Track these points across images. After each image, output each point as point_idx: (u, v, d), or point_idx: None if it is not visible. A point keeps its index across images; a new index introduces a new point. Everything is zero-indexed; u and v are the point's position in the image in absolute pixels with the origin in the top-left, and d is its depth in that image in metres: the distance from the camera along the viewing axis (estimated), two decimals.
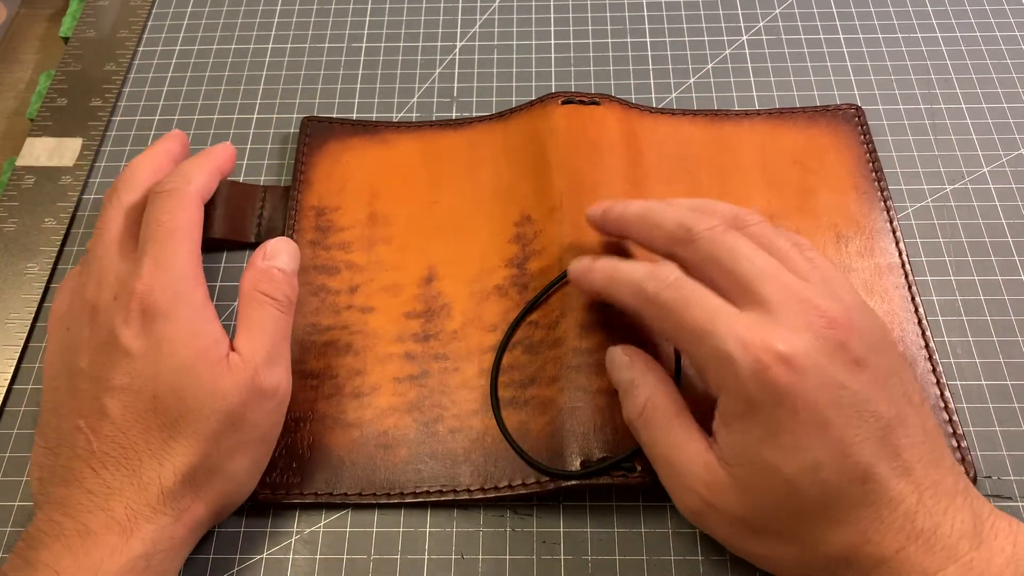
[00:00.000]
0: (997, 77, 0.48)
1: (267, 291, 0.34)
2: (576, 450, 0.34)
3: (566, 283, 0.38)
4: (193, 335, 0.31)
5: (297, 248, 0.36)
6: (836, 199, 0.43)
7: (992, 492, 0.35)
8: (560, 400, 0.36)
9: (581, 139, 0.42)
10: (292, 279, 0.35)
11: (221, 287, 0.42)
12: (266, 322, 0.33)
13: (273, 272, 0.34)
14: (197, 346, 0.31)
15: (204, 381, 0.31)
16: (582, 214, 0.39)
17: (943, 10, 0.51)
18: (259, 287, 0.34)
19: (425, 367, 0.38)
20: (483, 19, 0.52)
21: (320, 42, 0.51)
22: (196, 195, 0.35)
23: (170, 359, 0.31)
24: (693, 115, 0.46)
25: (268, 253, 0.35)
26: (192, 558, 0.34)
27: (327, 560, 0.34)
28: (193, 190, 0.35)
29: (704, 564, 0.34)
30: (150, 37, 0.52)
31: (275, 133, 0.47)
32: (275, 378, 0.33)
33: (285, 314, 0.34)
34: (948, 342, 0.39)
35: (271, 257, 0.35)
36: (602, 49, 0.50)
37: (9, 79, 0.52)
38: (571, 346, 0.37)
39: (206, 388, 0.31)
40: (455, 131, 0.46)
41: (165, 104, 0.48)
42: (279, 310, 0.34)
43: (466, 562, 0.34)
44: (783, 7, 0.52)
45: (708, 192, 0.43)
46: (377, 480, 0.36)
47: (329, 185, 0.44)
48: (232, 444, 0.31)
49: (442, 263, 0.41)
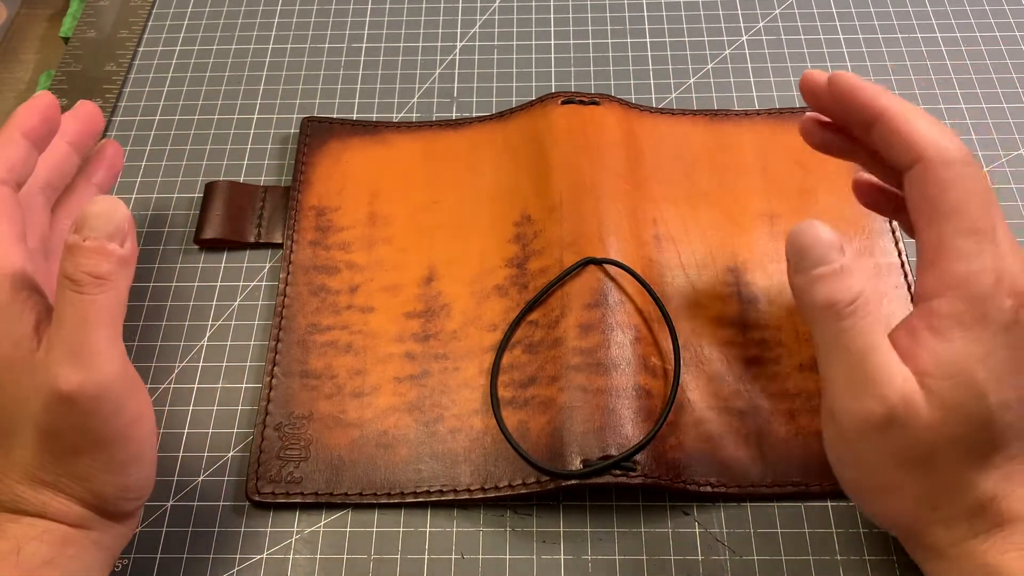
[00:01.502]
0: (997, 77, 0.48)
1: (66, 272, 0.28)
2: (576, 450, 0.34)
3: (566, 282, 0.38)
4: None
5: (114, 203, 0.29)
6: (836, 199, 0.43)
7: None
8: (560, 400, 0.36)
9: (581, 139, 0.42)
10: (99, 247, 0.28)
11: (221, 287, 0.42)
12: (63, 312, 0.28)
13: (75, 248, 0.28)
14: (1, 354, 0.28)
15: (8, 389, 0.28)
16: (582, 214, 0.39)
17: (943, 10, 0.51)
18: (61, 271, 0.28)
19: (425, 367, 0.38)
20: (483, 19, 0.52)
21: (320, 42, 0.51)
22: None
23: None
24: (693, 115, 0.46)
25: (75, 225, 0.28)
26: (192, 558, 0.34)
27: (327, 560, 0.34)
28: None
29: (704, 564, 0.34)
30: (150, 37, 0.52)
31: (275, 133, 0.47)
32: (77, 377, 0.27)
33: (91, 295, 0.28)
34: None
35: (78, 229, 0.28)
36: (602, 49, 0.50)
37: (9, 79, 0.52)
38: (571, 346, 0.37)
39: (12, 396, 0.28)
40: (455, 131, 0.46)
41: (165, 104, 0.48)
42: (76, 291, 0.28)
43: (466, 562, 0.34)
44: (783, 7, 0.52)
45: (708, 192, 0.43)
46: (377, 480, 0.36)
47: (329, 185, 0.44)
48: (63, 450, 0.28)
49: (442, 263, 0.41)
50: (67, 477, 0.29)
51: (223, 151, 0.46)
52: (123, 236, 0.29)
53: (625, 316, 0.37)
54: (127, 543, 0.32)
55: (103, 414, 0.28)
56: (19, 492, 0.29)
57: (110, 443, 0.29)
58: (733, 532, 0.35)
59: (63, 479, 0.29)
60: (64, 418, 0.28)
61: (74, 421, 0.28)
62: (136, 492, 0.31)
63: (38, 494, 0.29)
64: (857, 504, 0.32)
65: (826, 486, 0.35)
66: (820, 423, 0.30)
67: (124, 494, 0.30)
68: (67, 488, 0.29)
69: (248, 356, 0.40)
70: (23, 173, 0.33)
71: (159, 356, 0.40)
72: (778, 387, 0.37)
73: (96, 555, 0.30)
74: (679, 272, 0.40)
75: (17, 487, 0.29)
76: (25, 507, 0.29)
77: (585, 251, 0.39)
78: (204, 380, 0.39)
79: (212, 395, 0.39)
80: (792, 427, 0.36)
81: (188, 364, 0.39)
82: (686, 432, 0.36)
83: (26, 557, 0.28)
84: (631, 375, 0.36)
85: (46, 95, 0.34)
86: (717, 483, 0.35)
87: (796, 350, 0.38)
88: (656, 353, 0.37)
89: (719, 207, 0.43)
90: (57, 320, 0.28)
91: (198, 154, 0.46)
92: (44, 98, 0.34)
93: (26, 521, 0.29)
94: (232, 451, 0.37)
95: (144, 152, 0.46)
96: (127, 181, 0.45)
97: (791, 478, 0.35)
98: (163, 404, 0.38)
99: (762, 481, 0.35)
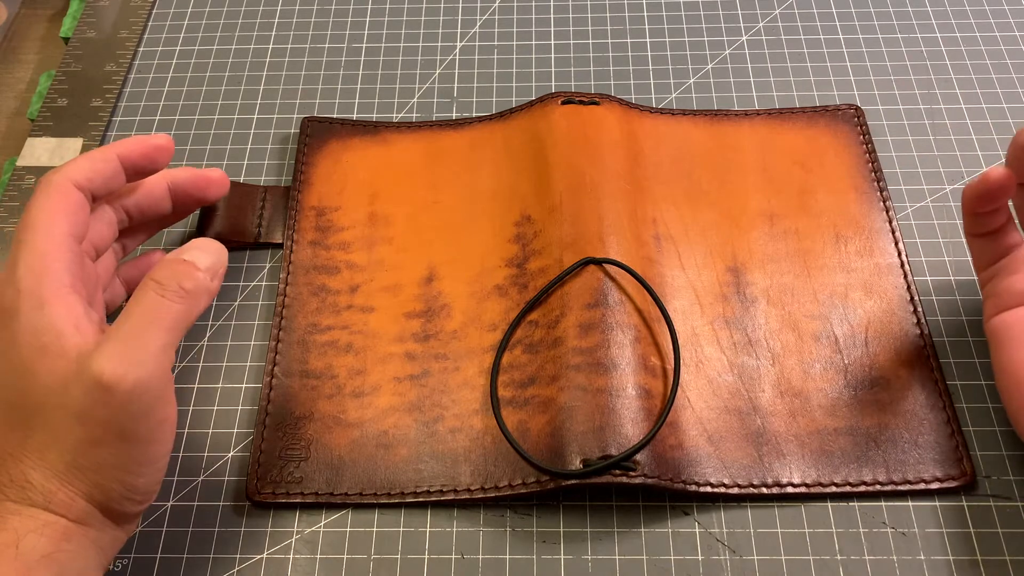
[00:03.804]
0: (997, 77, 0.48)
1: (157, 277, 0.31)
2: (576, 449, 0.34)
3: (566, 282, 0.38)
4: (35, 332, 0.30)
5: (219, 248, 0.34)
6: (835, 199, 0.43)
7: (992, 492, 0.35)
8: (560, 399, 0.36)
9: (581, 139, 0.42)
10: (193, 270, 0.32)
11: (221, 287, 0.41)
12: (135, 309, 0.30)
13: (173, 262, 0.32)
14: (39, 343, 0.30)
15: (44, 379, 0.29)
16: (582, 214, 0.39)
17: (943, 10, 0.51)
18: (152, 276, 0.31)
19: (425, 367, 0.38)
20: (483, 19, 0.52)
21: (320, 42, 0.51)
22: (65, 182, 0.33)
23: (10, 360, 0.30)
24: (693, 115, 0.46)
25: (181, 249, 0.33)
26: (192, 558, 0.34)
27: (327, 560, 0.35)
28: (61, 178, 0.33)
29: (704, 564, 0.34)
30: (150, 37, 0.52)
31: (275, 133, 0.47)
32: (119, 369, 0.29)
33: (169, 301, 0.31)
34: (948, 342, 0.39)
35: (182, 252, 0.33)
36: (602, 49, 0.50)
37: (10, 79, 0.52)
38: (571, 345, 0.37)
39: (47, 386, 0.29)
40: (455, 131, 0.46)
41: (165, 104, 0.48)
42: (159, 294, 0.31)
43: (466, 562, 0.34)
44: (783, 7, 0.52)
45: (708, 192, 0.43)
46: (377, 480, 0.36)
47: (329, 185, 0.44)
48: (89, 437, 0.29)
49: (442, 263, 0.41)
50: (80, 468, 0.30)
51: (223, 151, 0.46)
52: (214, 273, 0.33)
53: (625, 316, 0.37)
54: (120, 548, 0.32)
55: (134, 411, 0.30)
56: (30, 477, 0.29)
57: (132, 440, 0.30)
58: (733, 532, 0.35)
59: (75, 470, 0.30)
60: (97, 407, 0.29)
61: (105, 412, 0.29)
62: (141, 496, 0.31)
63: (47, 481, 0.29)
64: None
65: (826, 486, 0.35)
66: (820, 423, 0.30)
67: (131, 495, 0.31)
68: (77, 480, 0.30)
69: (248, 356, 0.40)
70: (102, 187, 0.34)
71: None
72: (778, 387, 0.37)
73: (93, 555, 0.30)
74: (679, 272, 0.40)
75: (30, 472, 0.29)
76: (31, 494, 0.29)
77: (585, 251, 0.39)
78: (204, 380, 0.39)
79: (212, 395, 0.39)
80: (792, 427, 0.36)
81: (188, 364, 0.39)
82: (686, 432, 0.36)
83: (25, 550, 0.28)
84: (631, 375, 0.36)
85: (165, 137, 0.36)
86: (717, 483, 0.35)
87: (796, 351, 0.38)
88: (656, 353, 0.37)
89: (719, 207, 0.43)
90: (124, 315, 0.30)
91: (198, 154, 0.46)
92: (159, 139, 0.36)
93: (27, 513, 0.29)
94: (232, 451, 0.37)
95: None
96: None
97: (791, 478, 0.35)
98: None
99: (762, 481, 0.35)
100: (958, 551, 0.34)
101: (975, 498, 0.35)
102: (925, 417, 0.37)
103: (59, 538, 0.29)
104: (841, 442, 0.36)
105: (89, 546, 0.30)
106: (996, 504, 0.35)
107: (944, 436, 0.36)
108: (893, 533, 0.34)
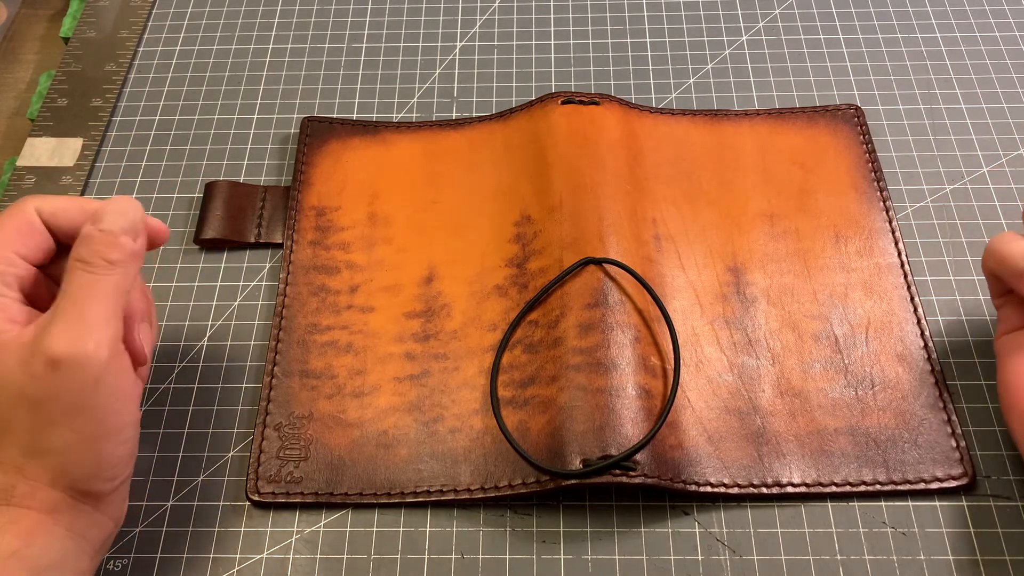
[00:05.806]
0: (997, 77, 0.48)
1: (79, 256, 0.31)
2: (576, 449, 0.34)
3: (566, 282, 0.38)
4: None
5: (133, 204, 0.33)
6: (835, 199, 0.43)
7: (992, 492, 0.35)
8: (560, 399, 0.36)
9: (581, 139, 0.42)
10: (112, 237, 0.31)
11: (221, 287, 0.42)
12: (69, 288, 0.30)
13: (91, 236, 0.31)
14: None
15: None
16: (582, 214, 0.39)
17: (943, 10, 0.51)
18: (74, 255, 0.31)
19: (425, 367, 0.38)
20: (483, 19, 0.52)
21: (320, 42, 0.51)
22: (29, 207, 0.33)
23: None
24: (693, 115, 0.46)
25: (93, 218, 0.32)
26: (192, 558, 0.34)
27: (327, 560, 0.34)
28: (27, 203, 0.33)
29: (704, 564, 0.34)
30: (150, 37, 0.52)
31: (275, 133, 0.47)
32: (64, 343, 0.29)
33: (96, 275, 0.31)
34: (948, 342, 0.39)
35: (97, 221, 0.32)
36: (602, 49, 0.50)
37: (10, 79, 0.52)
38: (571, 345, 0.37)
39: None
40: (455, 131, 0.46)
41: (165, 104, 0.48)
42: (86, 271, 0.31)
43: (466, 562, 0.34)
44: (783, 7, 0.52)
45: (708, 192, 0.43)
46: (377, 480, 0.36)
47: (329, 185, 0.44)
48: (42, 419, 0.29)
49: (442, 263, 0.41)
50: (38, 454, 0.29)
51: (223, 151, 0.46)
52: (136, 233, 0.32)
53: (625, 316, 0.37)
54: (109, 535, 0.32)
55: (84, 382, 0.29)
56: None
57: (87, 414, 0.30)
58: (733, 532, 0.35)
59: (33, 457, 0.29)
60: (46, 385, 0.29)
61: (54, 388, 0.29)
62: (110, 472, 0.31)
63: (5, 475, 0.29)
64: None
65: (826, 486, 0.35)
66: (820, 423, 0.29)
67: (98, 471, 0.30)
68: (37, 467, 0.29)
69: (248, 356, 0.40)
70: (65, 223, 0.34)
71: (159, 356, 0.40)
72: (778, 387, 0.37)
73: (69, 545, 0.30)
74: (679, 272, 0.40)
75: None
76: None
77: (585, 251, 0.39)
78: (204, 380, 0.39)
79: (212, 395, 0.39)
80: (792, 427, 0.36)
81: (188, 364, 0.39)
82: (686, 432, 0.36)
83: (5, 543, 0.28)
84: (631, 375, 0.36)
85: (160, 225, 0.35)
86: (717, 483, 0.35)
87: (796, 350, 0.38)
88: (656, 353, 0.37)
89: (719, 207, 0.43)
90: (59, 296, 0.30)
91: (198, 154, 0.46)
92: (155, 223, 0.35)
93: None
94: (232, 451, 0.37)
95: (144, 152, 0.46)
96: (127, 181, 0.45)
97: (791, 478, 0.35)
98: (163, 404, 0.38)
99: (762, 481, 0.35)
100: (958, 551, 0.34)
101: (975, 498, 0.35)
102: (925, 417, 0.37)
103: (27, 532, 0.29)
104: (841, 442, 0.36)
105: (63, 535, 0.30)
106: (996, 504, 0.35)
107: (944, 436, 0.36)
108: (893, 533, 0.34)
